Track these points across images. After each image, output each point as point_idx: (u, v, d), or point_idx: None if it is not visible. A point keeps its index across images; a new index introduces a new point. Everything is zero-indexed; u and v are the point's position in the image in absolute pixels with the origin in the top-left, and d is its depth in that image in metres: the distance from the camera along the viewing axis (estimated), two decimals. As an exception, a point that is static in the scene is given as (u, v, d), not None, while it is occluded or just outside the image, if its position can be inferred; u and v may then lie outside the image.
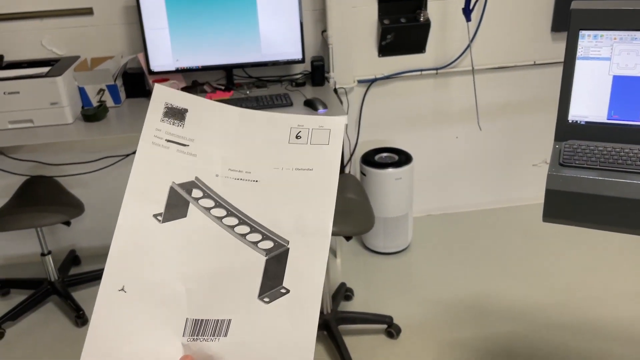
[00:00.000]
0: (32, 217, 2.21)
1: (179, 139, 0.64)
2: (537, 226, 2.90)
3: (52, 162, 2.62)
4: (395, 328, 2.23)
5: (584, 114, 1.43)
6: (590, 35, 1.39)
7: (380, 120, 2.84)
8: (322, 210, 0.62)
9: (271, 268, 0.60)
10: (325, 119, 0.66)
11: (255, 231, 0.62)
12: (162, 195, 0.62)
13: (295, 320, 0.58)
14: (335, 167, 0.64)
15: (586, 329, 2.21)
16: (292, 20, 2.40)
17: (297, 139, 0.65)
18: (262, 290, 0.59)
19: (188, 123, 0.65)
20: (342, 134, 0.66)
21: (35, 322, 2.43)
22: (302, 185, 0.63)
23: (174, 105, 0.65)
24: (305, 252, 0.61)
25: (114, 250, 0.60)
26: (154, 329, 0.58)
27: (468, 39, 2.70)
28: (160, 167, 0.63)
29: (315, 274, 0.60)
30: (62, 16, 2.47)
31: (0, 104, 2.15)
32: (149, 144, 0.64)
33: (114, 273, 0.59)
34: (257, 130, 0.66)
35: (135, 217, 0.61)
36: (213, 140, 0.65)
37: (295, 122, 0.66)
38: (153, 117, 0.65)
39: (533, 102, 2.90)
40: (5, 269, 2.84)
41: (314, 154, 0.65)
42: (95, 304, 0.58)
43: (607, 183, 1.27)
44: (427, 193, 3.05)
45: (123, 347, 0.57)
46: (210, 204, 0.62)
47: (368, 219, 1.98)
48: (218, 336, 0.58)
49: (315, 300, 0.59)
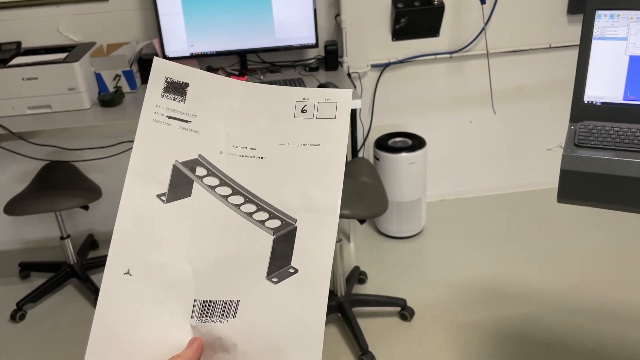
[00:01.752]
0: (51, 202, 2.25)
1: (180, 115, 0.62)
2: (552, 210, 2.89)
3: (70, 147, 2.66)
4: (409, 310, 2.25)
5: (599, 95, 1.42)
6: (607, 15, 1.38)
7: (394, 105, 2.84)
8: (329, 187, 0.60)
9: (279, 247, 0.59)
10: (332, 91, 0.64)
11: (261, 210, 0.60)
12: (165, 174, 0.60)
13: (305, 300, 0.57)
14: (342, 142, 0.62)
15: (600, 311, 2.21)
16: (305, 4, 2.40)
17: (303, 113, 0.63)
18: (270, 270, 0.58)
19: (190, 98, 0.63)
20: (349, 107, 0.63)
21: (55, 304, 2.49)
22: (308, 161, 0.61)
23: (175, 80, 0.63)
24: (313, 230, 0.59)
25: (118, 232, 0.58)
26: (162, 312, 0.57)
27: (483, 22, 2.68)
28: (162, 145, 0.61)
29: (324, 253, 0.58)
30: (78, 3, 2.50)
31: (19, 90, 2.19)
32: (150, 121, 0.62)
33: (119, 256, 0.57)
34: (261, 105, 0.63)
35: (138, 198, 0.59)
36: (216, 115, 0.62)
37: (301, 96, 0.63)
38: (153, 93, 0.62)
39: (548, 85, 2.88)
40: (26, 252, 2.90)
41: (320, 129, 0.62)
42: (101, 289, 0.56)
43: (623, 163, 1.27)
44: (440, 177, 3.05)
45: (131, 331, 0.56)
46: (215, 182, 0.60)
47: (382, 202, 1.99)
48: (227, 317, 0.57)
49: (325, 279, 0.57)
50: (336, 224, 0.60)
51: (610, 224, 2.74)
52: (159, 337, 0.56)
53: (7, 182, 2.80)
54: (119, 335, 0.55)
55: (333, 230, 0.59)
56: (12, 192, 2.79)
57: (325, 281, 0.57)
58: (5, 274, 2.74)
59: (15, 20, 2.51)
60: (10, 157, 2.69)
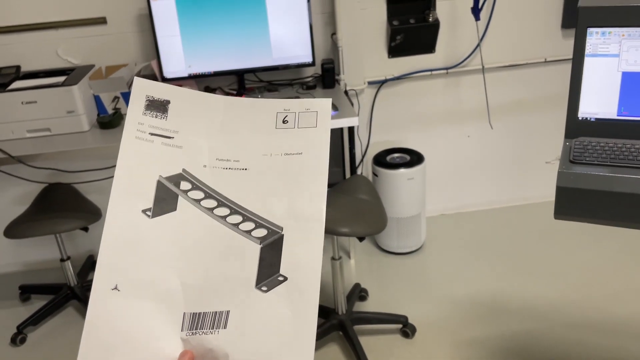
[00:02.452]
0: (51, 224, 2.25)
1: (163, 132, 0.62)
2: (551, 224, 2.89)
3: (69, 170, 2.67)
4: (411, 328, 2.24)
5: (593, 111, 1.43)
6: (599, 32, 1.39)
7: (392, 121, 2.85)
8: (314, 195, 0.61)
9: (267, 256, 0.59)
10: (312, 101, 0.65)
11: (247, 220, 0.60)
12: (150, 190, 0.60)
13: (295, 308, 0.57)
14: (324, 150, 0.63)
15: (604, 326, 2.20)
16: (301, 23, 2.42)
17: (284, 123, 0.64)
18: (259, 279, 0.58)
19: (171, 115, 0.63)
20: (329, 115, 0.64)
21: (55, 327, 2.48)
22: (292, 170, 0.62)
23: (155, 98, 0.64)
24: (300, 237, 0.59)
25: (104, 249, 0.58)
26: (152, 326, 0.57)
27: (478, 38, 2.70)
28: (145, 161, 0.61)
29: (312, 260, 0.58)
30: (77, 26, 2.52)
31: (18, 114, 2.20)
32: (132, 138, 0.62)
33: (106, 272, 0.57)
34: (242, 118, 0.64)
35: (124, 214, 0.59)
36: (198, 130, 0.63)
37: (281, 107, 0.64)
38: (135, 111, 0.63)
39: (544, 99, 2.89)
40: (26, 275, 2.90)
41: (302, 138, 0.63)
42: (89, 305, 0.56)
43: (618, 179, 1.28)
44: (439, 192, 3.06)
45: (120, 347, 0.56)
46: (200, 196, 0.61)
47: (381, 219, 1.99)
48: (217, 329, 0.57)
49: (314, 286, 0.58)
50: (322, 231, 0.60)
51: (612, 238, 2.74)
52: (149, 351, 0.56)
53: (7, 205, 2.81)
54: (108, 351, 0.55)
55: (320, 236, 0.59)
56: (12, 215, 2.80)
57: (315, 288, 0.58)
58: (6, 297, 2.73)
59: (15, 44, 2.53)
60: (10, 180, 2.70)
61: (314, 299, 0.57)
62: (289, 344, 0.56)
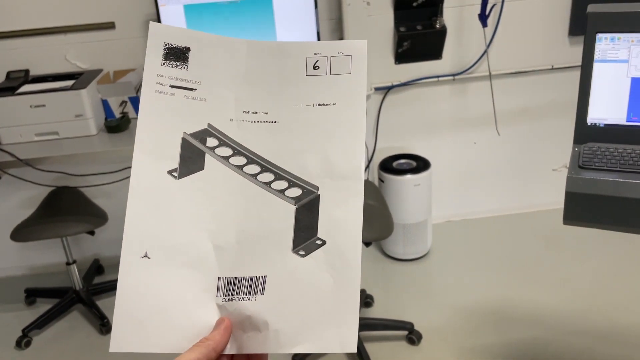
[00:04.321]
0: (58, 227, 2.26)
1: (184, 83, 0.58)
2: (558, 231, 2.87)
3: (76, 173, 2.67)
4: (416, 334, 2.23)
5: (602, 117, 1.43)
6: (608, 38, 1.39)
7: (398, 127, 2.85)
8: (351, 150, 0.56)
9: (302, 218, 0.55)
10: (345, 43, 0.59)
11: (280, 178, 0.56)
12: (175, 148, 0.56)
13: (336, 273, 0.53)
14: (361, 99, 0.58)
15: (610, 334, 2.18)
16: (309, 30, 2.43)
17: (315, 69, 0.59)
18: (296, 243, 0.55)
19: (192, 64, 0.58)
20: (365, 60, 0.59)
21: (60, 331, 2.48)
22: (326, 122, 0.57)
23: (174, 45, 0.59)
24: (337, 197, 0.55)
25: (131, 214, 0.54)
26: (186, 293, 0.54)
27: (485, 45, 2.70)
28: (168, 117, 0.57)
29: (352, 222, 0.54)
30: (85, 31, 2.54)
31: (27, 117, 2.21)
32: (152, 92, 0.58)
33: (134, 239, 0.54)
34: (269, 63, 0.59)
35: (148, 176, 0.55)
36: (222, 80, 0.58)
37: (311, 50, 0.59)
38: (153, 62, 0.58)
39: (551, 106, 2.89)
40: (32, 278, 2.90)
41: (335, 86, 0.58)
42: (119, 275, 0.53)
43: (628, 185, 1.27)
44: (446, 199, 3.05)
45: (155, 316, 0.53)
46: (228, 152, 0.57)
47: (387, 225, 1.99)
48: (254, 294, 0.54)
49: (356, 250, 0.54)
50: (362, 189, 0.56)
51: (619, 245, 2.72)
52: (184, 320, 0.53)
53: (14, 208, 2.82)
54: (142, 322, 0.53)
55: (359, 196, 0.55)
56: (18, 219, 2.80)
57: (356, 251, 0.54)
58: (11, 300, 2.73)
59: (24, 49, 2.55)
60: (18, 184, 2.71)
61: (356, 264, 0.53)
62: (331, 312, 0.52)
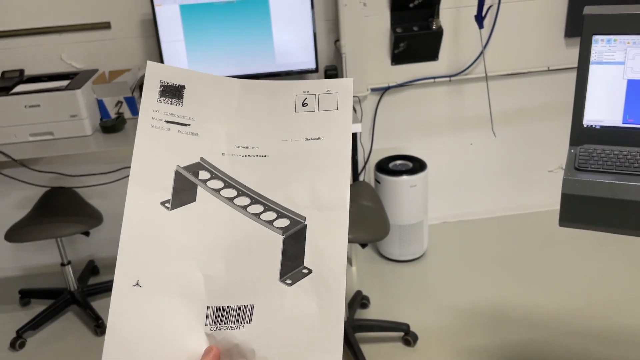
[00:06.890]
0: (52, 228, 2.25)
1: (179, 119, 0.60)
2: (554, 232, 2.87)
3: (71, 174, 2.66)
4: (412, 336, 2.22)
5: (598, 118, 1.43)
6: (604, 39, 1.39)
7: (394, 128, 2.85)
8: (337, 182, 0.58)
9: (290, 247, 0.57)
10: (332, 81, 0.62)
11: (269, 209, 0.58)
12: (168, 180, 0.59)
13: (321, 301, 0.55)
14: (347, 134, 0.60)
15: (606, 335, 2.19)
16: (305, 30, 2.43)
17: (304, 106, 0.61)
18: (283, 272, 0.56)
19: (187, 100, 0.61)
20: (351, 97, 0.61)
21: (55, 332, 2.47)
22: (313, 156, 0.59)
23: (170, 83, 0.61)
24: (324, 228, 0.57)
25: (124, 244, 0.56)
26: (175, 322, 0.55)
27: (481, 46, 2.70)
28: (162, 151, 0.59)
29: (337, 251, 0.56)
30: (81, 31, 2.53)
31: (22, 117, 2.20)
32: (148, 127, 0.60)
33: (127, 268, 0.56)
34: (260, 101, 0.62)
35: (142, 206, 0.57)
36: (215, 116, 0.61)
37: (300, 89, 0.62)
38: (149, 98, 0.61)
39: (547, 107, 2.89)
40: (26, 279, 2.89)
41: (323, 121, 0.61)
42: (111, 302, 0.55)
43: (624, 187, 1.27)
44: (442, 200, 3.05)
45: (144, 344, 0.54)
46: (220, 185, 0.59)
47: (383, 226, 1.99)
48: (242, 323, 0.55)
49: (340, 278, 0.55)
50: (347, 220, 0.57)
51: (614, 246, 2.73)
52: (174, 348, 0.54)
53: (8, 208, 2.80)
54: (133, 348, 0.54)
55: (344, 226, 0.57)
56: (13, 219, 2.79)
57: (341, 280, 0.55)
58: (6, 301, 2.72)
59: (19, 48, 2.54)
60: (12, 184, 2.69)
61: (340, 293, 0.55)
62: (317, 340, 0.54)
